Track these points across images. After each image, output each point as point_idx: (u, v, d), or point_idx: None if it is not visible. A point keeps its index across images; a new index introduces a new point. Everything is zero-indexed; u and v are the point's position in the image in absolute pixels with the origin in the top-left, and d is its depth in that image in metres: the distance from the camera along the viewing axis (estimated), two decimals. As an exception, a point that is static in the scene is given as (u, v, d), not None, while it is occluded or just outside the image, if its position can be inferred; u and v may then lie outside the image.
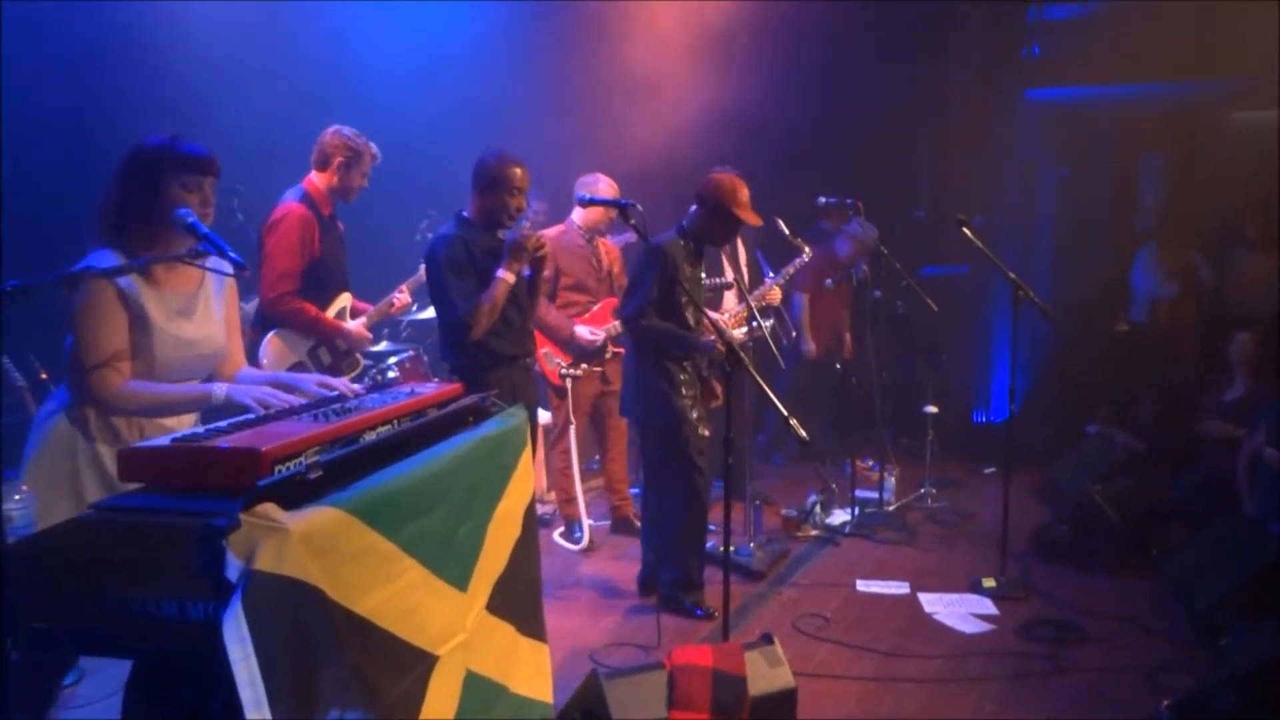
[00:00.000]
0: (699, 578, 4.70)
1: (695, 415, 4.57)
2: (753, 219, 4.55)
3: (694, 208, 4.61)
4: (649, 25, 7.29)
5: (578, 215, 5.58)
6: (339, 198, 4.60)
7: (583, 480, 5.68)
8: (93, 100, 5.40)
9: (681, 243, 4.54)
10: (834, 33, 7.24)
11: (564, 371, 5.49)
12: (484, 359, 4.10)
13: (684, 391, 4.55)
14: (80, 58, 5.37)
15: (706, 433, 4.60)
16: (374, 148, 4.61)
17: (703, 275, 4.81)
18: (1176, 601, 4.67)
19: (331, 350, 4.64)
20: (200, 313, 2.87)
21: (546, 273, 5.07)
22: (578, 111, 7.08)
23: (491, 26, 7.06)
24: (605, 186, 5.48)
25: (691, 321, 4.56)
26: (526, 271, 4.17)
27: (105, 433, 2.74)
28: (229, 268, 2.66)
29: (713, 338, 4.45)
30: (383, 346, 5.83)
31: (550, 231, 5.60)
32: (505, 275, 4.00)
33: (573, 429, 5.55)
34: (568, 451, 5.59)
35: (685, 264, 4.51)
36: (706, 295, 5.38)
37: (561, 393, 5.56)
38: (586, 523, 5.64)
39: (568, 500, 5.69)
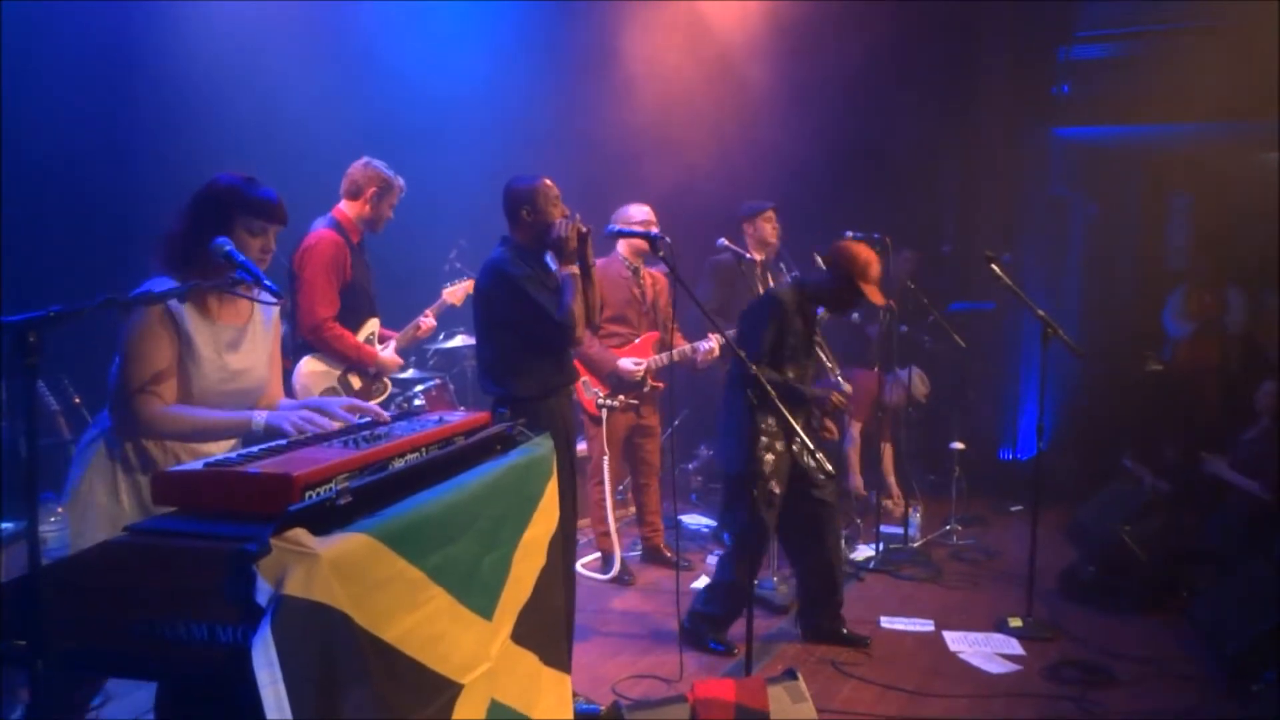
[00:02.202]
0: (728, 619, 4.66)
1: (769, 469, 4.51)
2: (878, 298, 4.51)
3: (822, 270, 4.62)
4: (680, 60, 7.37)
5: (622, 245, 5.58)
6: (367, 228, 4.68)
7: (613, 510, 5.67)
8: (112, 116, 5.44)
9: (798, 297, 4.54)
10: (863, 68, 7.28)
11: (601, 402, 5.50)
12: (536, 388, 3.98)
13: (763, 439, 4.49)
14: (97, 70, 5.38)
15: (779, 489, 4.53)
16: (401, 181, 4.70)
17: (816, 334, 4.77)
18: (1206, 645, 4.60)
19: (362, 375, 4.69)
20: (247, 345, 2.91)
21: (602, 304, 5.08)
22: (606, 144, 7.14)
23: (524, 56, 7.15)
24: (639, 215, 5.45)
25: (793, 375, 4.55)
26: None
27: (143, 461, 2.77)
28: (267, 296, 2.68)
29: (824, 395, 4.45)
30: (410, 374, 5.89)
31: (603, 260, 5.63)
32: (571, 270, 3.92)
33: (606, 460, 5.56)
34: (603, 483, 5.59)
35: (797, 317, 4.53)
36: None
37: (597, 422, 5.57)
38: (618, 555, 5.63)
39: (604, 534, 5.68)
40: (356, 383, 4.67)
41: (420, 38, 6.98)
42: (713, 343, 5.49)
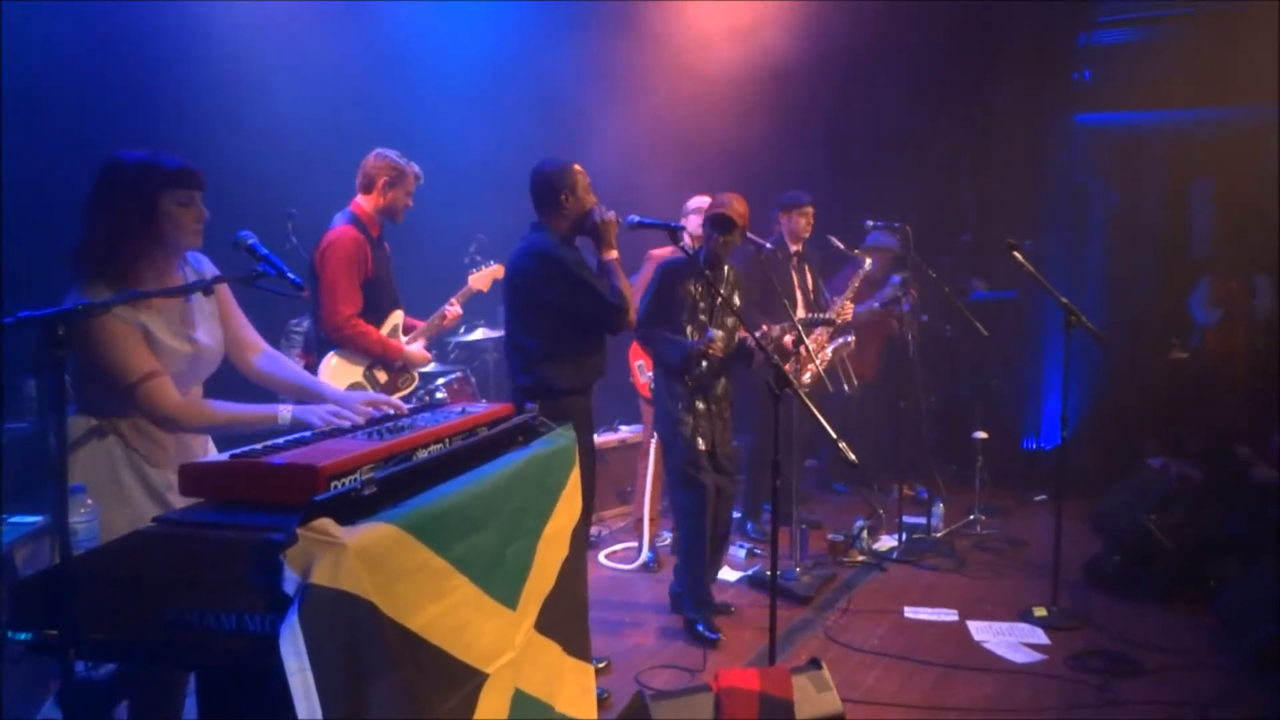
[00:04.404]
0: (706, 595, 4.73)
1: (691, 429, 4.61)
2: (735, 209, 4.56)
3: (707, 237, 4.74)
4: (703, 50, 7.35)
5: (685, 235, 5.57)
6: (386, 219, 4.64)
7: (652, 496, 5.71)
8: (120, 108, 5.43)
9: (687, 265, 4.62)
10: (884, 57, 7.25)
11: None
12: (572, 380, 3.99)
13: (680, 405, 4.62)
14: (104, 64, 5.41)
15: (703, 445, 4.62)
16: (416, 168, 4.64)
17: (723, 294, 4.74)
18: (1231, 635, 4.57)
19: (387, 369, 4.70)
20: (199, 320, 2.85)
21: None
22: (626, 135, 7.13)
23: (540, 48, 7.15)
24: (693, 204, 5.54)
25: (693, 336, 4.63)
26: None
27: (141, 442, 2.74)
28: (290, 289, 2.67)
29: (699, 341, 4.51)
30: (431, 368, 5.89)
31: (660, 252, 5.63)
32: (613, 255, 3.91)
33: (654, 444, 5.57)
34: (648, 469, 5.61)
35: (689, 282, 4.60)
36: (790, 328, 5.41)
37: (650, 404, 5.59)
38: (645, 542, 5.64)
39: (639, 520, 5.71)
40: (382, 377, 4.67)
41: (436, 30, 7.00)
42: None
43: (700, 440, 4.62)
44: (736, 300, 4.77)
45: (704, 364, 4.60)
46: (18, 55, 5.03)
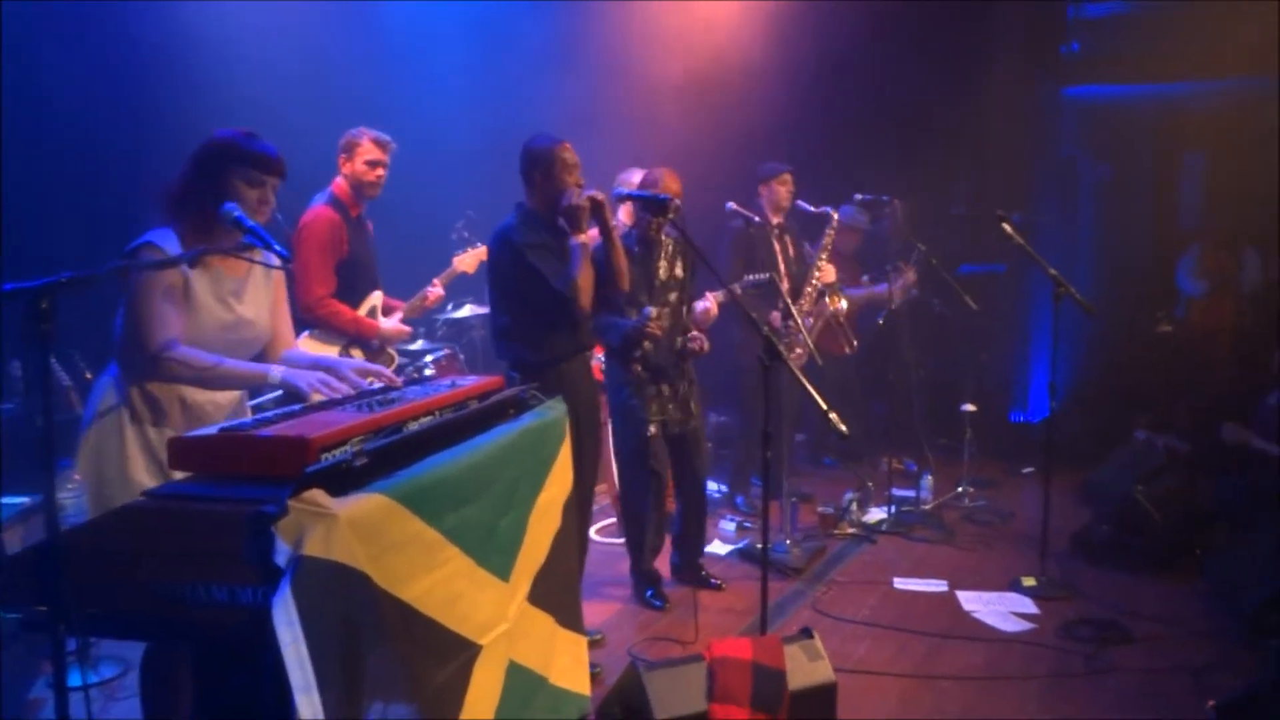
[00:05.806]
0: (648, 569, 4.80)
1: (639, 415, 4.58)
2: (669, 188, 4.50)
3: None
4: (691, 25, 7.31)
5: (623, 214, 5.52)
6: (361, 195, 4.58)
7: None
8: (127, 103, 5.43)
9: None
10: (872, 30, 7.21)
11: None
12: (548, 355, 3.99)
13: (628, 389, 4.59)
14: (108, 59, 5.40)
15: (653, 430, 4.59)
16: (374, 133, 4.54)
17: (661, 270, 4.71)
18: (1222, 602, 4.61)
19: (364, 348, 4.67)
20: (249, 296, 2.90)
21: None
22: (618, 111, 7.09)
23: (525, 30, 7.10)
24: (638, 179, 5.39)
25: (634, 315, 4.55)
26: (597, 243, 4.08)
27: (153, 415, 2.76)
28: (275, 260, 2.68)
29: (636, 320, 4.44)
30: (419, 345, 5.88)
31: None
32: (580, 239, 3.89)
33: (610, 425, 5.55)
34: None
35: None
36: (751, 291, 5.39)
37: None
38: None
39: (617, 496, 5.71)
40: (358, 356, 4.63)
41: (427, 16, 6.94)
42: (709, 303, 5.41)
43: (652, 426, 4.58)
44: (679, 273, 4.73)
45: (646, 344, 4.53)
46: (17, 52, 4.99)
